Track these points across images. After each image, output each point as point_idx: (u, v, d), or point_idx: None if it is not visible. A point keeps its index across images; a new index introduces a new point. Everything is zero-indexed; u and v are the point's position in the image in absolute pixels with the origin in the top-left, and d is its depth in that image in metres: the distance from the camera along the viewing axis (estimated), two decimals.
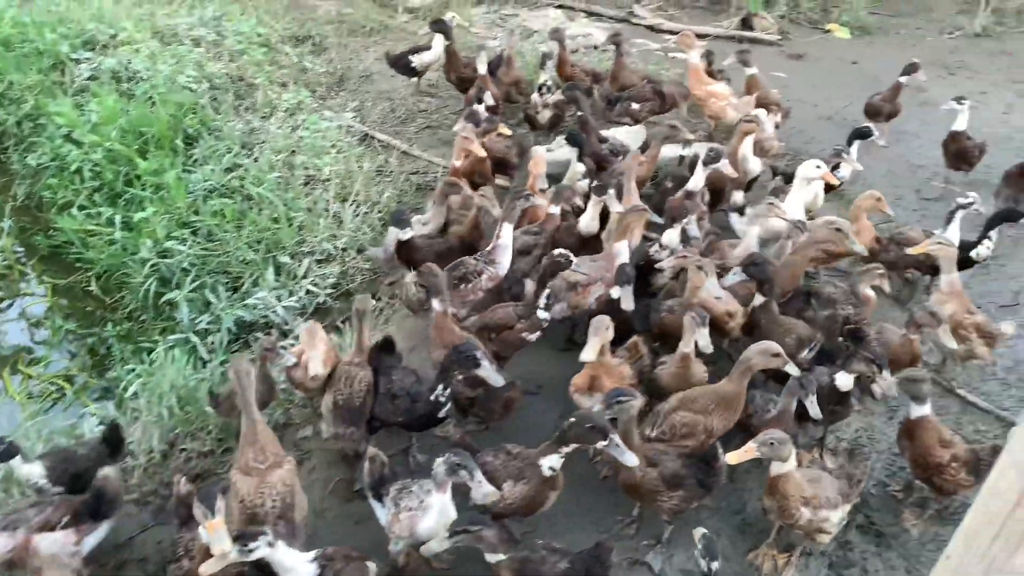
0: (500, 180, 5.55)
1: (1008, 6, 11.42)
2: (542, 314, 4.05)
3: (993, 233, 4.83)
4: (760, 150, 5.56)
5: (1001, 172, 6.24)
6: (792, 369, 3.45)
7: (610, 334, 3.58)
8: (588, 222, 4.65)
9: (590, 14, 10.04)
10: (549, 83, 6.14)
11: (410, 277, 4.34)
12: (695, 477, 3.27)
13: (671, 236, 4.50)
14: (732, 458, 3.08)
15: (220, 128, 6.06)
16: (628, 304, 3.86)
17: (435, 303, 3.81)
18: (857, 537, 3.58)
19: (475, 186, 5.04)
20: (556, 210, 4.66)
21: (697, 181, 4.86)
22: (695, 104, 6.72)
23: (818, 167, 4.97)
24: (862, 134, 5.96)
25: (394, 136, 6.49)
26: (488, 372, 3.41)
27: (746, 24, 10.14)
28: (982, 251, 4.80)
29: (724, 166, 4.87)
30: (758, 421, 3.60)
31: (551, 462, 3.13)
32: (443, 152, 6.24)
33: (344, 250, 5.00)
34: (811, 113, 8.03)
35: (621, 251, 4.26)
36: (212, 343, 4.71)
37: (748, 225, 4.72)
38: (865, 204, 4.87)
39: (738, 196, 5.03)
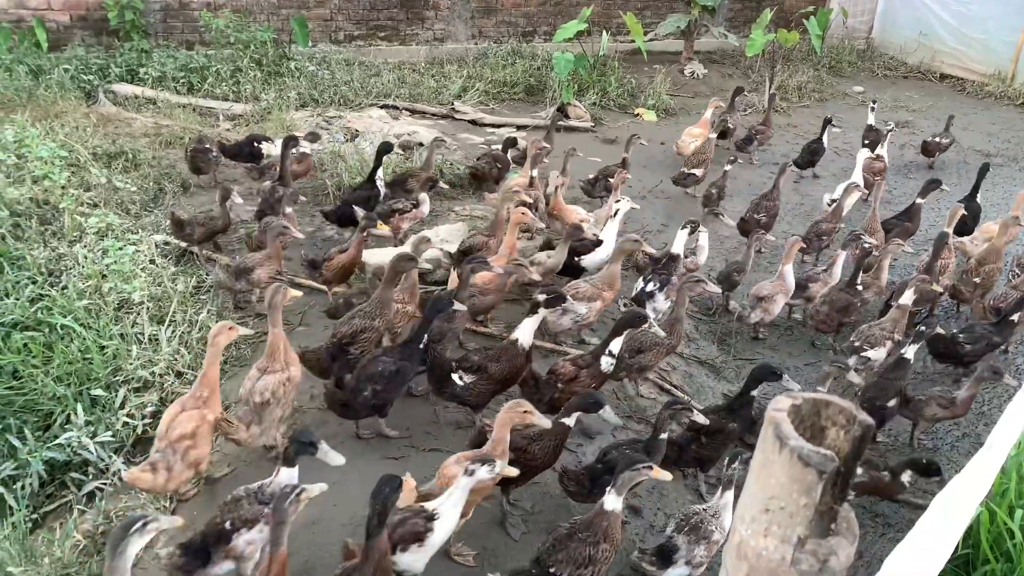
0: None
1: (790, 83, 12.77)
2: (605, 363, 4.41)
3: None
4: None
5: (788, 238, 6.96)
6: None
7: None
8: None
9: (413, 112, 10.36)
10: None
11: None
12: None
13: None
14: None
15: (23, 257, 5.72)
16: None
17: None
18: None
19: None
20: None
21: None
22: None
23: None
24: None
25: (215, 249, 6.37)
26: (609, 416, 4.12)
27: (562, 113, 10.77)
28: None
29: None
30: None
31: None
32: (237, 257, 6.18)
33: (162, 375, 4.79)
34: (628, 193, 8.57)
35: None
36: (22, 490, 4.35)
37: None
38: None
39: None
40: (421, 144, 9.18)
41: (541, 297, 4.55)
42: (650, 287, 5.84)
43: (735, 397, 4.48)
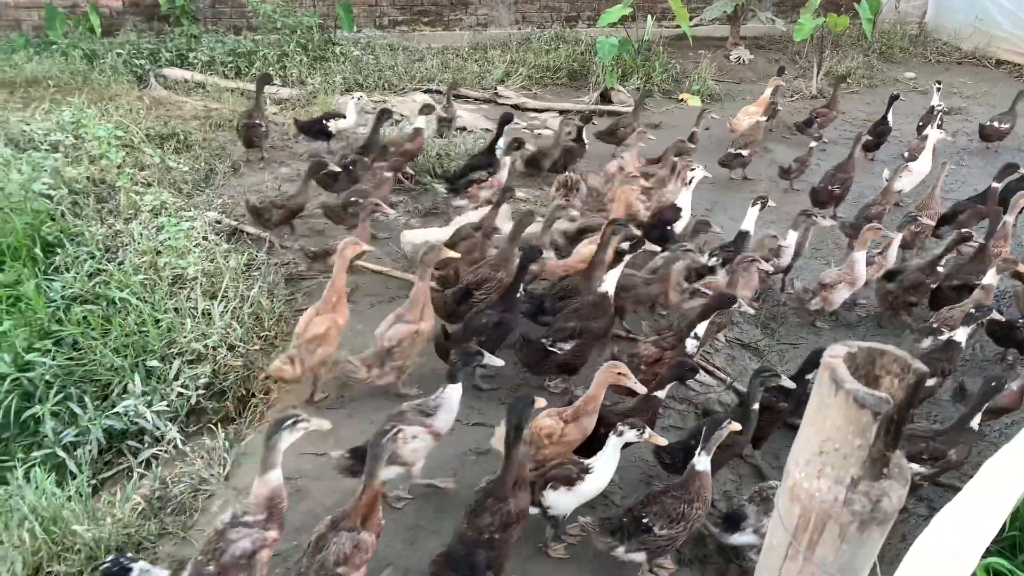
0: None
1: (839, 69, 12.55)
2: (691, 346, 4.45)
3: None
4: None
5: (841, 224, 7.04)
6: None
7: None
8: None
9: (457, 96, 10.40)
10: None
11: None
12: None
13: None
14: None
15: (81, 233, 5.91)
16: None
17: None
18: None
19: None
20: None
21: None
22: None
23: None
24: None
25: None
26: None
27: (605, 98, 10.75)
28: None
29: None
30: None
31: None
32: (314, 241, 6.31)
33: (215, 348, 4.93)
34: None
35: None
36: (82, 456, 4.52)
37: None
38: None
39: None
40: (463, 128, 9.24)
41: (625, 245, 4.66)
42: (712, 261, 5.84)
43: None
